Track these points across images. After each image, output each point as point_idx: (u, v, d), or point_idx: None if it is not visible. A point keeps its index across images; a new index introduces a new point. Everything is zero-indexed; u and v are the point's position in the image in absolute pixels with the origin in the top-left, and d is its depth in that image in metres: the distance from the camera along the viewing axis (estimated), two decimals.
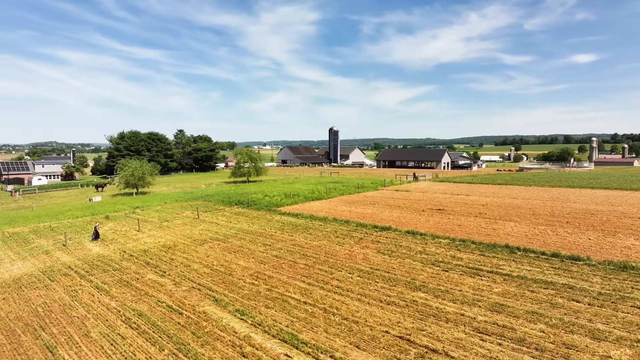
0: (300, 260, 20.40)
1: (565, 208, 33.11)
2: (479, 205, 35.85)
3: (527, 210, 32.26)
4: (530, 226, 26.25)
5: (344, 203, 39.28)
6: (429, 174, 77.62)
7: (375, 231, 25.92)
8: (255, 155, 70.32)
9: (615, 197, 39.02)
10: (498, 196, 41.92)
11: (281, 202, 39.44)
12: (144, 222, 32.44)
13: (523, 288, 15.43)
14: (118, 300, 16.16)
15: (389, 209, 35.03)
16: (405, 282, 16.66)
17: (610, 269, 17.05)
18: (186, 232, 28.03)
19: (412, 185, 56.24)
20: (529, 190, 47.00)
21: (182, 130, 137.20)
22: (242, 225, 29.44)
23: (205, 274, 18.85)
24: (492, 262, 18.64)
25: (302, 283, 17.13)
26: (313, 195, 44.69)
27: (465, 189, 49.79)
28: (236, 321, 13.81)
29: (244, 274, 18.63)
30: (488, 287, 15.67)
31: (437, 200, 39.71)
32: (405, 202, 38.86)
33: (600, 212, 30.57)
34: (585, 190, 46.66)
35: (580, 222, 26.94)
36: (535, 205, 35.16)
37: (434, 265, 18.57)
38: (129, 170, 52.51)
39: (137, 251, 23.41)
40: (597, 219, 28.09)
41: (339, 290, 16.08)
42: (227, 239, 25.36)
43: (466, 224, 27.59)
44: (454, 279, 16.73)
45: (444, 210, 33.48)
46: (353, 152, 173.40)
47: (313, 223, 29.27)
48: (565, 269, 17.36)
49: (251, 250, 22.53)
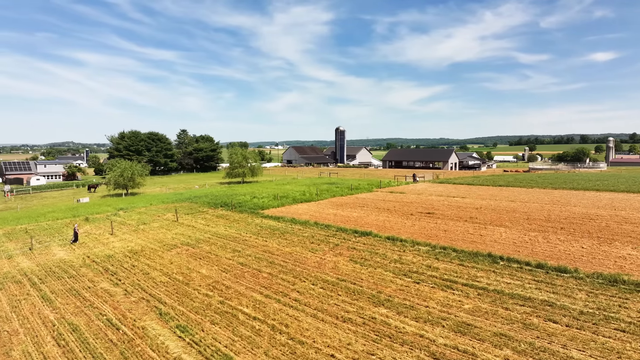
0: (265, 268, 19.10)
1: (564, 212, 31.21)
2: (473, 208, 34.11)
3: (522, 215, 30.47)
4: (521, 232, 24.53)
5: (332, 205, 37.87)
6: (430, 175, 75.67)
7: (354, 237, 24.49)
8: (250, 156, 69.13)
9: (620, 201, 36.90)
10: (495, 199, 40.07)
11: (268, 204, 38.19)
12: (122, 224, 31.49)
13: (497, 305, 13.88)
14: (58, 312, 15.05)
15: (377, 212, 33.52)
16: (370, 295, 15.23)
17: (598, 283, 15.38)
18: (159, 236, 26.95)
19: (409, 187, 54.52)
20: (529, 193, 44.99)
21: (185, 130, 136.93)
22: (218, 229, 28.26)
23: (161, 283, 17.66)
24: (470, 274, 17.08)
25: (259, 295, 15.82)
26: (303, 197, 43.36)
27: (463, 191, 47.95)
28: (173, 339, 12.56)
29: (201, 284, 17.40)
30: (458, 303, 14.16)
31: (430, 203, 38.05)
32: (396, 204, 37.29)
33: (600, 217, 28.64)
34: (589, 192, 44.47)
35: (576, 228, 25.12)
36: (531, 208, 33.30)
37: (406, 276, 17.09)
38: (118, 171, 51.81)
39: (102, 256, 22.37)
40: (595, 224, 26.22)
41: (295, 304, 14.74)
42: (198, 244, 24.19)
43: (453, 229, 25.97)
44: (424, 293, 15.24)
45: (433, 213, 31.85)
46: (360, 152, 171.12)
47: (292, 227, 27.95)
48: (548, 282, 15.74)
49: (218, 257, 21.30)
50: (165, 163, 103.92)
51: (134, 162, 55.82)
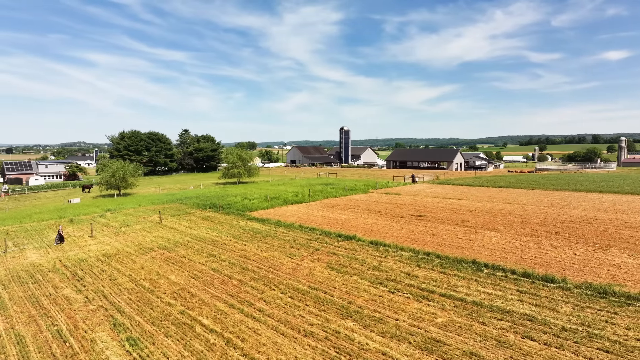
0: (237, 274, 18.19)
1: (561, 215, 29.90)
2: (467, 211, 32.90)
3: (517, 218, 29.22)
4: (512, 237, 23.34)
5: (323, 207, 36.89)
6: (430, 176, 74.29)
7: (337, 240, 23.49)
8: (246, 156, 68.30)
9: (623, 203, 35.43)
10: (492, 200, 38.78)
11: (257, 206, 37.32)
12: (105, 226, 30.83)
13: (473, 318, 12.81)
14: (9, 322, 14.26)
15: (367, 214, 32.47)
16: (340, 306, 14.23)
17: (586, 295, 14.23)
18: (139, 239, 26.19)
19: (407, 188, 53.33)
20: (529, 194, 43.60)
21: (187, 130, 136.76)
22: (200, 232, 27.43)
23: (126, 290, 16.84)
24: (450, 283, 16.01)
25: (224, 304, 14.91)
26: (295, 198, 42.42)
27: (461, 193, 46.68)
28: (120, 354, 11.69)
29: (167, 291, 16.55)
30: (432, 316, 13.11)
31: (424, 205, 36.88)
32: (388, 206, 36.19)
33: (599, 221, 27.32)
34: (591, 194, 42.96)
35: (571, 233, 23.86)
36: (528, 211, 32.01)
37: (382, 285, 16.06)
38: (109, 171, 51.27)
39: (74, 260, 21.64)
40: (592, 229, 24.92)
41: (258, 315, 13.80)
42: (175, 248, 23.36)
43: (442, 233, 24.85)
44: (397, 304, 14.21)
45: (424, 216, 30.71)
46: (365, 152, 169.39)
47: (276, 230, 27.03)
48: (532, 293, 14.62)
49: (191, 262, 20.44)
50: (165, 163, 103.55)
51: (126, 162, 55.23)
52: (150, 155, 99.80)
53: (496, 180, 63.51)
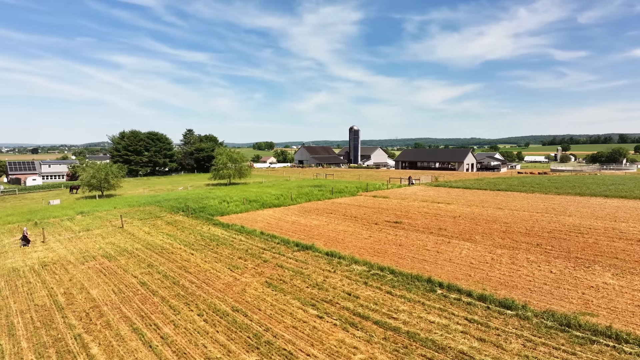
0: (163, 290, 16.37)
1: (552, 223, 27.22)
2: (450, 217, 30.45)
3: (501, 226, 26.68)
4: (486, 249, 20.92)
5: (300, 212, 34.89)
6: (429, 177, 71.41)
7: (292, 251, 21.48)
8: (237, 156, 66.62)
9: (627, 210, 32.40)
10: (483, 206, 36.14)
11: (231, 210, 35.59)
12: (65, 230, 29.52)
13: (398, 356, 10.65)
14: None
15: (341, 220, 30.34)
16: (253, 334, 12.25)
17: (546, 327, 11.88)
18: (88, 245, 24.68)
19: (399, 191, 50.87)
20: (526, 199, 40.74)
21: (192, 130, 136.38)
22: (155, 239, 25.77)
23: (35, 307, 15.18)
24: (392, 306, 13.83)
25: (128, 328, 13.09)
26: (276, 201, 40.53)
27: (454, 196, 44.07)
28: None
29: (77, 309, 14.83)
30: (351, 352, 11.00)
31: (406, 209, 34.51)
32: (368, 211, 33.97)
33: (592, 231, 24.59)
34: (595, 199, 39.87)
35: (555, 245, 21.30)
36: (517, 218, 29.38)
37: (313, 308, 14.00)
38: (90, 172, 50.28)
39: (6, 270, 20.19)
40: (580, 240, 22.28)
41: (157, 344, 11.92)
42: (118, 257, 21.71)
43: (411, 243, 22.58)
44: (319, 333, 12.14)
45: (401, 223, 28.41)
46: (375, 152, 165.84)
47: (235, 237, 25.18)
48: (482, 322, 12.34)
49: (125, 274, 18.73)
50: (164, 163, 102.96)
51: (108, 163, 54.10)
52: (149, 156, 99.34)
53: (498, 182, 60.46)
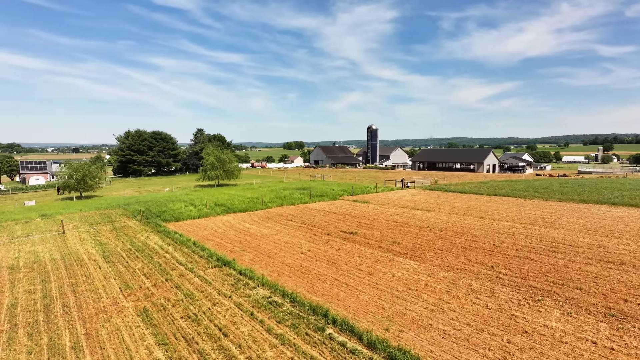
0: (24, 315, 14.24)
1: (530, 237, 23.47)
2: (417, 227, 27.12)
3: (467, 240, 23.19)
4: (429, 270, 17.69)
5: (260, 219, 32.39)
6: (427, 180, 67.22)
7: (209, 267, 18.98)
8: (224, 157, 64.61)
9: (629, 221, 28.04)
10: (465, 214, 32.43)
11: (189, 215, 33.55)
12: (8, 234, 28.29)
13: None
14: None
15: (295, 229, 27.62)
16: None
17: None
18: (9, 254, 23.08)
19: (385, 195, 47.44)
20: (521, 206, 36.60)
21: (202, 130, 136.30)
22: (81, 248, 23.87)
23: None
24: (258, 350, 11.07)
25: None
26: (245, 205, 38.12)
27: (441, 202, 40.38)
28: None
29: None
30: None
31: (375, 218, 31.31)
32: (332, 219, 31.04)
33: (571, 248, 20.78)
34: (599, 207, 35.28)
35: (513, 268, 17.79)
36: (493, 230, 25.72)
37: (165, 347, 11.44)
38: (67, 172, 49.60)
39: None
40: (549, 262, 18.61)
41: None
42: (22, 269, 19.89)
43: (346, 260, 19.60)
44: None
45: (357, 234, 25.38)
46: (394, 152, 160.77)
47: (164, 248, 22.95)
48: None
49: (2, 292, 16.80)
50: (167, 163, 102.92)
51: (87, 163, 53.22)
52: (152, 155, 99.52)
53: (501, 186, 55.85)
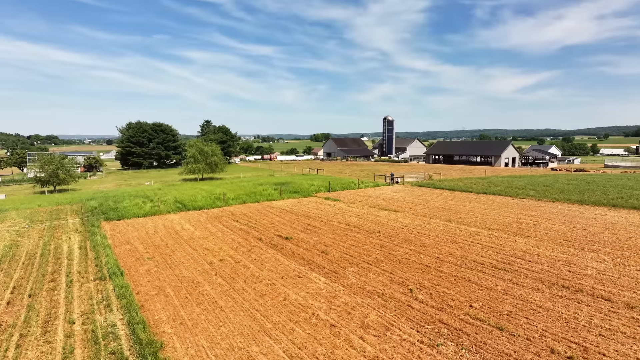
0: None
1: (487, 249, 19.96)
2: (367, 232, 23.95)
3: (411, 250, 19.90)
4: (332, 294, 14.68)
5: (207, 218, 29.96)
6: (420, 175, 63.08)
7: (89, 279, 16.63)
8: (208, 149, 62.17)
9: (621, 227, 23.95)
10: (434, 216, 28.91)
11: (138, 212, 31.58)
12: None
13: None
14: None
15: (230, 232, 25.03)
16: None
17: None
18: None
19: (363, 192, 44.09)
20: (505, 206, 32.69)
21: (209, 121, 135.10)
22: None
23: None
24: None
25: None
26: (204, 202, 35.76)
27: (418, 200, 36.82)
28: None
29: None
30: None
31: (328, 219, 28.25)
32: (284, 220, 28.23)
33: (527, 266, 17.24)
34: (596, 209, 30.98)
35: (435, 294, 14.51)
36: (449, 239, 22.27)
37: None
38: (38, 165, 48.60)
39: None
40: (489, 284, 15.21)
41: None
42: None
43: (250, 274, 16.79)
44: None
45: (292, 239, 22.51)
46: (411, 144, 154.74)
47: (72, 254, 20.82)
48: None
49: None
50: (167, 155, 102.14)
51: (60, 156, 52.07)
52: (152, 147, 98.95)
53: (498, 183, 51.35)
